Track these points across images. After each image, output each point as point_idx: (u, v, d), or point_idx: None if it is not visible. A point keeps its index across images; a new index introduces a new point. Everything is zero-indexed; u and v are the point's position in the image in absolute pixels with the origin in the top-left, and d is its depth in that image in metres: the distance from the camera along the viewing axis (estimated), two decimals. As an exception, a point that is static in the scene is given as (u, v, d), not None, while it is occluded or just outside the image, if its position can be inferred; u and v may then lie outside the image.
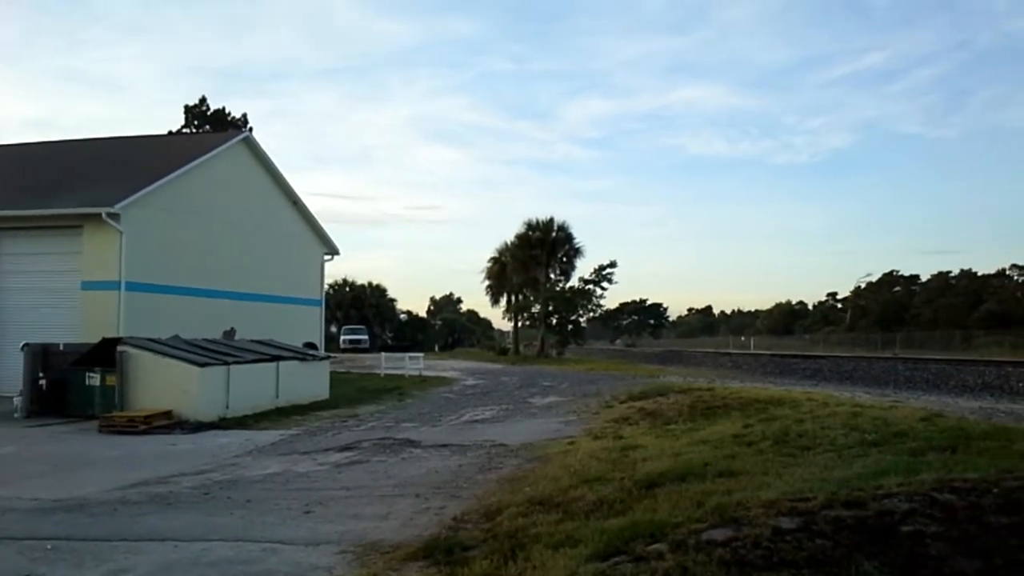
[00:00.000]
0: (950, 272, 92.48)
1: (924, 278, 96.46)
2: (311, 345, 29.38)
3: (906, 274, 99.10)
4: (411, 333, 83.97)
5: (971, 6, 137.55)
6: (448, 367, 40.95)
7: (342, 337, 68.62)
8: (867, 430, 9.82)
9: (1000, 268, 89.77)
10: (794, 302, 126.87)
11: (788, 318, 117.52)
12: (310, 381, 21.58)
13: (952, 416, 11.90)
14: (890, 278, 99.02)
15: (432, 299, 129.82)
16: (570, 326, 59.48)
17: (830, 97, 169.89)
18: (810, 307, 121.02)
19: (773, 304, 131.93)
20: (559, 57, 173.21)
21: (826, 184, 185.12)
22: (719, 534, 5.01)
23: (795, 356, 42.15)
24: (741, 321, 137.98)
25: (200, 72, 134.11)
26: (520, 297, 61.83)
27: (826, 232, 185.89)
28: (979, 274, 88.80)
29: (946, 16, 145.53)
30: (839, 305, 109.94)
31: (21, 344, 18.66)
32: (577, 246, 58.52)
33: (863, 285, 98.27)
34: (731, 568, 4.34)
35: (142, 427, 15.54)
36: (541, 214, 61.83)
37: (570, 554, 5.21)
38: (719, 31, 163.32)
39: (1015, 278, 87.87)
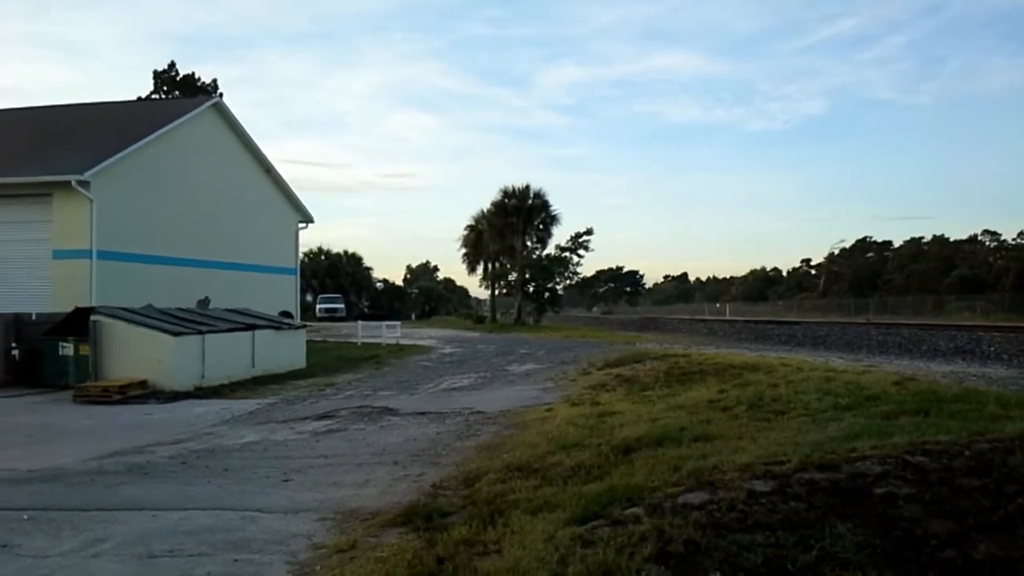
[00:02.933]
0: (922, 238, 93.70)
1: (897, 244, 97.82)
2: (287, 314, 29.25)
3: (879, 240, 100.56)
4: (388, 301, 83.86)
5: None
6: (425, 335, 40.94)
7: (318, 306, 68.32)
8: (840, 394, 9.93)
9: (972, 234, 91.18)
10: (768, 269, 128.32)
11: (763, 284, 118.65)
12: (286, 350, 21.50)
13: (924, 380, 12.07)
14: (863, 244, 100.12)
15: (408, 267, 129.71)
16: (547, 294, 59.53)
17: (804, 64, 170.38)
18: (784, 273, 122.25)
19: (748, 271, 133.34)
20: (535, 23, 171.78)
21: (800, 151, 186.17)
22: (695, 497, 5.06)
23: (769, 322, 42.42)
24: (716, 288, 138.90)
25: (169, 37, 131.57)
26: (497, 265, 61.75)
27: (800, 199, 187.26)
28: (951, 240, 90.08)
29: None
30: (813, 271, 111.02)
31: (-8, 314, 18.41)
32: (553, 213, 58.36)
33: (837, 251, 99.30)
34: (707, 530, 4.38)
35: (117, 397, 15.45)
36: (517, 181, 61.78)
37: (548, 519, 5.25)
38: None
39: (986, 243, 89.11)
